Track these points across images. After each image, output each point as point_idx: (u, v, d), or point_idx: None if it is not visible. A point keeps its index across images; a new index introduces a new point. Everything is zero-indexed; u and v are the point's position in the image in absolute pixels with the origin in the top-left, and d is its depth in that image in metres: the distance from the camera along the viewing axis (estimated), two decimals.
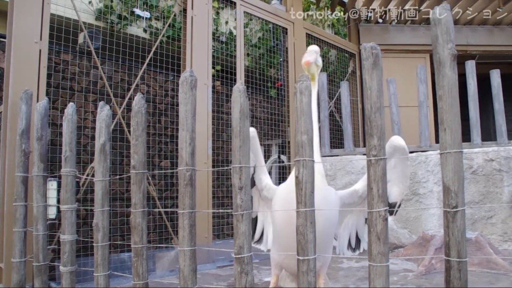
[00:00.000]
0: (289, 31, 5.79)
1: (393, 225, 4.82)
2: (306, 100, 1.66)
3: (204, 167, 4.41)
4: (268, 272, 4.18)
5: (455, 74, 1.50)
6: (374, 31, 7.40)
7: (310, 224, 1.64)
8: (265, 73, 5.90)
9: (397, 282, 3.59)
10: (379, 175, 1.51)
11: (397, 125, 5.35)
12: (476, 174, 4.90)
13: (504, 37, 7.73)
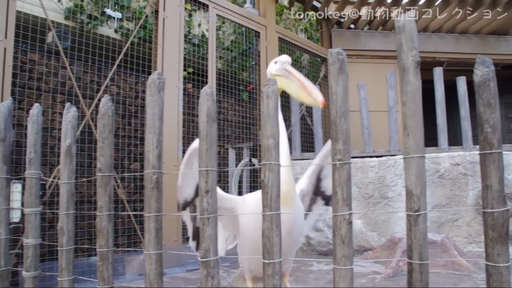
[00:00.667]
0: (262, 34, 5.81)
1: (363, 228, 4.88)
2: (272, 104, 1.67)
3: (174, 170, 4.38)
4: None
5: (418, 81, 1.53)
6: (346, 37, 7.50)
7: (276, 228, 1.64)
8: (238, 76, 5.91)
9: (365, 284, 3.64)
10: (344, 179, 1.53)
11: (367, 129, 5.43)
12: (443, 178, 5.01)
13: (470, 46, 7.95)
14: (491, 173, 1.47)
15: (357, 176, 5.03)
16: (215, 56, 5.13)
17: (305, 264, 4.49)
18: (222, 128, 5.53)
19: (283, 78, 2.42)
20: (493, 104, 1.47)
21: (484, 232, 1.52)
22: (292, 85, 2.42)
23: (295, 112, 5.74)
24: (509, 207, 1.50)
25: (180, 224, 4.45)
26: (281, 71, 2.44)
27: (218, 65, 5.66)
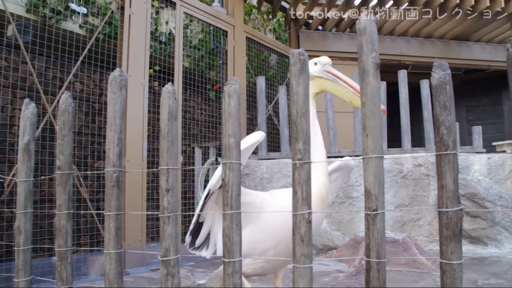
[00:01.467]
0: (229, 34, 5.80)
1: (327, 227, 4.93)
2: (234, 103, 1.67)
3: (138, 169, 4.33)
4: (202, 275, 4.16)
5: (377, 82, 1.55)
6: (313, 38, 7.57)
7: (236, 227, 1.64)
8: (205, 75, 5.88)
9: (328, 283, 3.68)
10: (304, 179, 1.54)
11: (332, 130, 5.49)
12: (406, 178, 5.12)
13: (434, 50, 8.14)
14: (446, 174, 1.51)
15: None
16: (181, 54, 5.10)
17: None
18: (189, 127, 5.49)
19: (328, 81, 2.46)
20: (449, 106, 1.50)
21: (439, 231, 1.56)
22: (340, 89, 2.45)
23: (262, 112, 5.75)
24: (462, 206, 1.54)
25: (144, 224, 4.40)
26: (324, 74, 2.46)
27: (185, 63, 5.62)
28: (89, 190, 4.51)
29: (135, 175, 4.31)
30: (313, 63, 2.50)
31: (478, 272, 3.92)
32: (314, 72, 2.47)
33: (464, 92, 10.12)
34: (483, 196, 5.03)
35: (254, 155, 5.74)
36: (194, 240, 2.52)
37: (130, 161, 4.29)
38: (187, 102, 5.63)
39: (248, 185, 5.23)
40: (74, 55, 4.26)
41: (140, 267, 4.30)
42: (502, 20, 7.30)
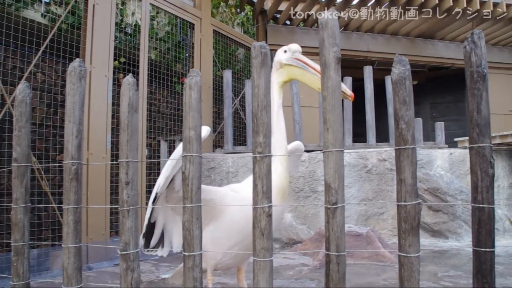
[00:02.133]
0: (196, 26, 5.75)
1: (293, 221, 4.96)
2: (195, 95, 1.65)
3: (102, 161, 4.25)
4: (167, 269, 4.12)
5: (338, 77, 1.56)
6: (281, 32, 7.57)
7: (196, 220, 1.63)
8: (172, 68, 5.81)
9: (293, 276, 3.70)
10: (264, 172, 1.53)
11: (298, 124, 5.52)
12: (371, 173, 5.19)
13: (400, 47, 8.27)
14: (405, 168, 1.53)
15: None
16: (147, 46, 5.02)
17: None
18: (154, 120, 5.42)
19: (297, 68, 2.41)
20: (408, 101, 1.52)
21: (398, 224, 1.58)
22: (310, 76, 2.40)
23: (228, 106, 5.73)
24: (420, 200, 1.56)
25: (108, 217, 4.32)
26: (293, 61, 2.40)
27: (151, 56, 5.53)
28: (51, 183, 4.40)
29: (99, 168, 4.23)
30: (283, 50, 2.46)
31: (438, 265, 4.02)
32: (283, 59, 2.43)
33: (428, 89, 10.34)
34: (445, 191, 5.16)
35: (220, 149, 5.72)
36: (148, 241, 2.49)
37: (93, 154, 4.21)
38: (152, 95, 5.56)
39: (213, 179, 5.21)
40: (36, 44, 4.13)
41: (104, 261, 4.23)
42: (464, 20, 7.48)
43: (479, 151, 1.57)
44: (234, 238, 2.34)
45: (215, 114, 6.19)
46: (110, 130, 4.38)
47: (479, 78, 1.58)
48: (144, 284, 3.56)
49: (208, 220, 2.38)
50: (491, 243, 1.60)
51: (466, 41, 1.61)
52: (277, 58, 2.44)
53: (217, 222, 2.37)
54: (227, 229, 2.35)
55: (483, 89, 1.58)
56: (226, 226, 2.34)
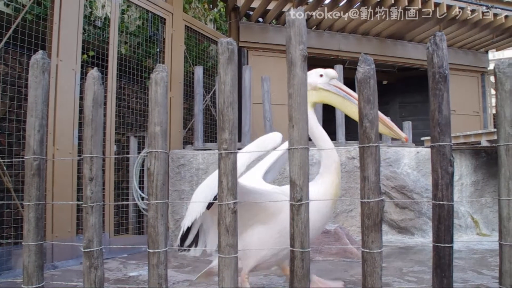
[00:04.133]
0: (168, 21, 5.68)
1: None
2: (161, 91, 1.63)
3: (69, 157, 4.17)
4: (135, 266, 4.08)
5: (305, 74, 1.57)
6: (253, 29, 7.57)
7: (161, 217, 1.62)
8: (142, 63, 5.73)
9: (261, 273, 3.71)
10: (229, 169, 1.54)
11: (269, 121, 5.53)
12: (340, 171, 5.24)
13: (371, 47, 8.38)
14: (368, 165, 1.55)
15: None
16: (117, 40, 4.94)
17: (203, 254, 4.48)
18: (124, 116, 5.34)
19: (335, 95, 2.53)
20: (373, 100, 1.55)
21: (361, 221, 1.61)
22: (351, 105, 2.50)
23: (199, 102, 5.70)
24: (383, 197, 1.59)
25: (74, 214, 4.24)
26: (331, 87, 2.52)
27: (122, 50, 5.45)
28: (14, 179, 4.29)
29: (65, 164, 4.15)
30: (319, 74, 2.57)
31: (404, 260, 4.09)
32: (319, 83, 2.54)
33: (398, 89, 10.52)
34: (411, 188, 5.26)
35: (190, 146, 5.69)
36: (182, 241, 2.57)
37: (60, 149, 4.12)
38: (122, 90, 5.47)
39: (183, 176, 5.18)
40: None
41: (69, 259, 4.16)
42: (432, 22, 7.64)
43: (440, 150, 1.60)
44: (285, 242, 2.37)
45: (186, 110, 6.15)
46: (77, 125, 4.29)
47: (440, 79, 1.61)
48: (111, 282, 3.51)
49: (253, 221, 2.43)
50: (449, 239, 1.64)
51: (428, 42, 1.65)
52: (311, 80, 2.53)
53: (266, 225, 2.40)
54: (278, 233, 2.38)
55: (444, 90, 1.62)
56: (278, 230, 2.38)
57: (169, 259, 4.40)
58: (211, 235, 2.57)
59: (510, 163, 1.73)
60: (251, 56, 7.45)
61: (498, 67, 1.78)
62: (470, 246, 4.78)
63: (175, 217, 5.16)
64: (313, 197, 2.29)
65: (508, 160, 1.73)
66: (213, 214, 2.45)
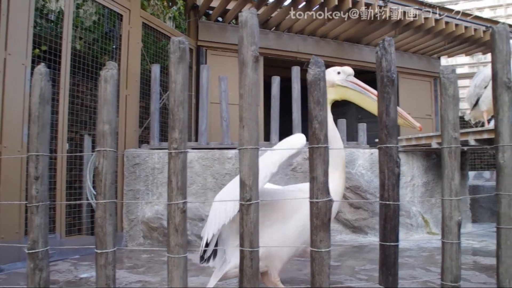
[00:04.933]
0: (125, 18, 5.58)
1: None
2: (110, 89, 1.61)
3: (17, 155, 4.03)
4: (87, 268, 3.99)
5: (256, 75, 1.58)
6: (212, 29, 7.54)
7: (110, 217, 1.59)
8: (98, 59, 5.61)
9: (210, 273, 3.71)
10: (179, 168, 1.53)
11: (225, 121, 5.53)
12: (296, 171, 5.30)
13: (329, 49, 8.51)
14: (317, 166, 1.58)
15: (214, 167, 5.11)
16: (71, 35, 4.82)
17: (159, 255, 4.45)
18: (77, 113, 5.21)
19: (352, 91, 2.63)
20: (322, 102, 1.57)
21: (310, 220, 1.63)
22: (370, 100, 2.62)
23: (156, 101, 5.63)
24: (331, 197, 1.62)
25: (22, 215, 4.10)
26: (349, 84, 2.62)
27: (76, 46, 5.32)
28: None
29: (13, 163, 4.01)
30: (336, 72, 2.67)
31: (357, 259, 4.19)
32: (337, 80, 2.64)
33: None
34: (365, 189, 5.38)
35: (146, 145, 5.62)
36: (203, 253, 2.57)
37: (7, 147, 3.98)
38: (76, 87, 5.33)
39: (138, 175, 5.11)
40: None
41: (17, 262, 4.01)
42: (388, 27, 7.84)
43: (387, 151, 1.65)
44: (305, 236, 2.39)
45: (142, 109, 6.05)
46: (27, 122, 4.15)
47: (388, 82, 1.66)
48: (61, 284, 3.43)
49: (271, 222, 2.45)
50: (395, 238, 1.69)
51: (377, 47, 1.69)
52: (329, 78, 2.61)
53: (286, 224, 2.44)
54: (299, 229, 2.43)
55: (392, 93, 1.67)
56: (299, 226, 2.42)
57: (122, 259, 4.35)
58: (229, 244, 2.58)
59: (453, 165, 1.80)
60: (210, 56, 7.43)
61: (442, 72, 1.85)
62: (420, 245, 4.94)
63: (129, 217, 5.09)
64: None
65: (451, 162, 1.80)
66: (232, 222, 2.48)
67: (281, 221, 2.46)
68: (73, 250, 4.54)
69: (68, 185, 4.81)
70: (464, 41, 8.63)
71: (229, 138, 5.56)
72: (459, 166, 1.82)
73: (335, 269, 3.78)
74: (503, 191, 1.91)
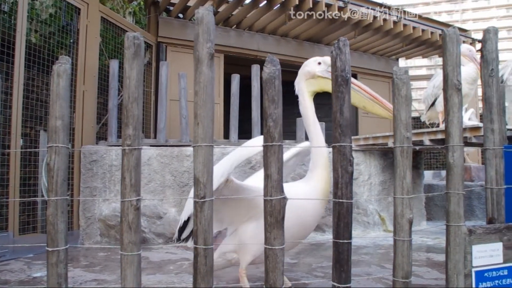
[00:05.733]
0: (83, 11, 5.46)
1: (177, 216, 4.94)
2: (63, 83, 1.58)
3: None
4: (40, 267, 3.89)
5: (211, 72, 1.58)
6: (173, 25, 7.47)
7: (61, 214, 1.56)
8: (55, 53, 5.46)
9: (173, 271, 3.69)
10: (133, 165, 1.52)
11: (185, 119, 5.50)
12: (254, 169, 5.33)
13: (289, 48, 8.57)
14: (271, 164, 1.60)
15: (173, 165, 5.07)
16: (25, 28, 4.67)
17: (116, 253, 4.39)
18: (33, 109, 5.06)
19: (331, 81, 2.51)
20: (277, 100, 1.59)
21: (264, 218, 1.65)
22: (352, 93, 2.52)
23: (114, 97, 5.53)
24: (285, 195, 1.64)
25: None
26: (329, 75, 2.43)
27: (32, 39, 5.16)
28: None
29: None
30: (317, 62, 2.59)
31: (314, 257, 4.25)
32: (318, 71, 2.56)
33: None
34: None
35: (104, 141, 5.52)
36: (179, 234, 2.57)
37: None
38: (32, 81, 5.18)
39: (96, 172, 5.01)
40: None
41: None
42: (348, 28, 7.98)
43: (340, 150, 1.69)
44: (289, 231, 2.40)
45: (101, 105, 5.94)
46: None
47: (342, 82, 1.69)
48: (12, 284, 3.33)
49: (247, 218, 2.47)
50: (348, 235, 1.73)
51: (332, 47, 1.73)
52: (310, 69, 2.54)
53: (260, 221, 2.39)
54: None
55: (346, 92, 1.70)
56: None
57: (78, 258, 4.27)
58: None
59: (405, 164, 1.86)
60: (170, 52, 7.35)
61: (395, 73, 1.90)
62: (377, 242, 5.06)
63: (86, 215, 4.98)
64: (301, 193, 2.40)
65: (403, 161, 1.85)
66: None
67: (255, 218, 2.47)
68: (26, 249, 4.41)
69: (22, 182, 4.67)
70: (421, 43, 8.89)
71: (188, 135, 5.52)
72: (411, 165, 1.88)
73: (292, 267, 3.83)
74: (453, 190, 1.98)
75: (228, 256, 2.65)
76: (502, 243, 2.06)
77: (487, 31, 2.16)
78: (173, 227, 4.89)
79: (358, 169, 5.81)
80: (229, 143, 5.45)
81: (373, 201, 5.95)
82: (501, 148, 2.16)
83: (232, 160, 2.21)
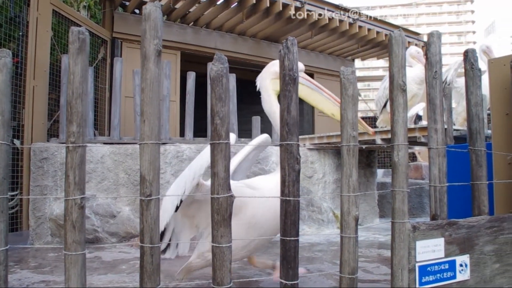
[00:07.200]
0: (32, 3, 5.27)
1: (131, 215, 4.87)
2: (4, 78, 1.52)
3: None
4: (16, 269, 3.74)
5: (158, 69, 1.57)
6: (129, 21, 7.35)
7: (1, 213, 1.51)
8: (4, 46, 5.27)
9: (125, 270, 3.64)
10: (77, 163, 1.48)
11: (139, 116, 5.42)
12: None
13: (247, 47, 8.59)
14: (218, 162, 1.60)
15: (127, 163, 4.99)
16: None
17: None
18: None
19: (301, 85, 2.52)
20: (224, 98, 1.60)
21: (211, 216, 1.65)
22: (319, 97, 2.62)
23: (65, 93, 5.38)
24: (232, 193, 1.65)
25: None
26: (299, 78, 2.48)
27: None
28: None
29: None
30: None
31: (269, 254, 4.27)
32: None
33: None
34: None
35: (55, 139, 5.37)
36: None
37: None
38: None
39: (46, 170, 4.87)
40: None
41: None
42: (305, 28, 8.07)
43: (288, 148, 1.71)
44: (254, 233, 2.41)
45: (53, 101, 5.77)
46: None
47: (290, 81, 1.71)
48: None
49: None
50: (295, 233, 1.75)
51: (281, 46, 1.75)
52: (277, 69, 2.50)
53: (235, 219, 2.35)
54: (247, 225, 2.40)
55: (293, 91, 1.73)
56: (246, 223, 2.40)
57: (27, 259, 4.14)
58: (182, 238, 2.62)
59: (351, 162, 1.90)
60: (125, 48, 7.22)
61: (343, 73, 1.94)
62: (330, 239, 5.14)
63: (36, 214, 4.84)
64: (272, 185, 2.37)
65: (349, 159, 1.90)
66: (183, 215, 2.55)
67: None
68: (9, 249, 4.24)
69: None
70: (376, 45, 9.10)
71: None
72: (357, 163, 1.92)
73: (246, 264, 3.84)
74: (397, 188, 2.03)
75: (206, 255, 2.64)
76: (444, 238, 2.14)
77: (431, 35, 2.23)
78: (126, 226, 4.82)
79: (313, 168, 5.88)
80: (184, 141, 5.41)
81: (327, 199, 6.04)
82: (444, 147, 2.24)
83: (201, 162, 2.21)
